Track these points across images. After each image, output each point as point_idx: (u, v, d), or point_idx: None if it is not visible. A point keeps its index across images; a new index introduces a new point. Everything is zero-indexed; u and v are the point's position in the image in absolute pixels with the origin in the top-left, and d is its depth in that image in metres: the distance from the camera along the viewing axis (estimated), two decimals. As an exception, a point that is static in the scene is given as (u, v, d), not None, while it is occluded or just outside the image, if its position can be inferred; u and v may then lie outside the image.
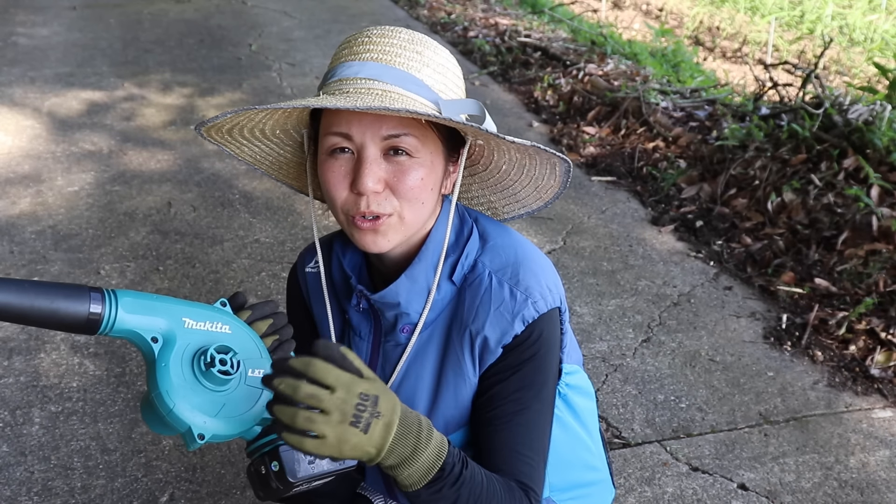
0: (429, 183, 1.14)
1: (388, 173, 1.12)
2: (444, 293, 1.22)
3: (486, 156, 1.26)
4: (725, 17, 7.73)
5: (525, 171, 1.25)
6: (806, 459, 2.23)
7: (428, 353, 1.23)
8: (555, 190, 1.26)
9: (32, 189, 3.63)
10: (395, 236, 1.15)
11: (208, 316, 1.04)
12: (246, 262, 3.12)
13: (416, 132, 1.11)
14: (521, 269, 1.21)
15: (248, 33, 6.19)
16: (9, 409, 2.32)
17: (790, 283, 3.03)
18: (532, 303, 1.18)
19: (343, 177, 1.13)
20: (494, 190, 1.32)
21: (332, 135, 1.12)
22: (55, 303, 0.93)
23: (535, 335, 1.19)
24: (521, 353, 1.19)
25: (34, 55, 5.51)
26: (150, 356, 0.99)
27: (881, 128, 3.56)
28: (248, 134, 1.25)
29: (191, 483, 2.09)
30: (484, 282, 1.20)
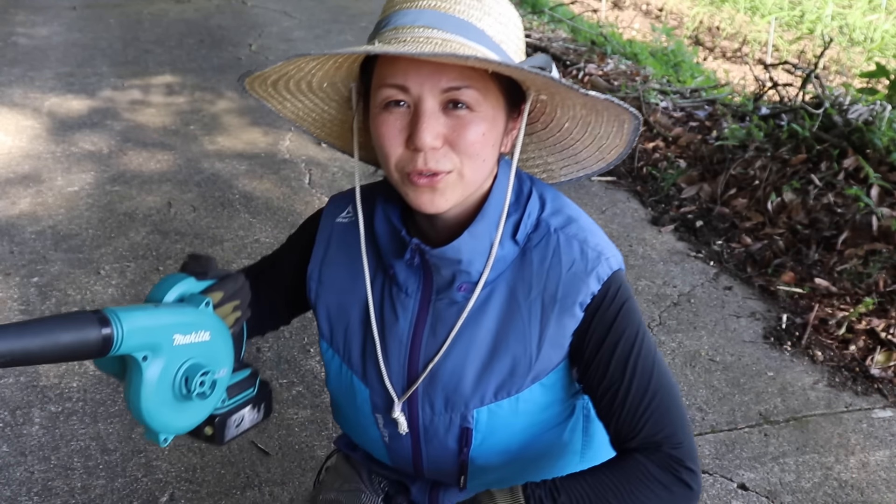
0: (490, 139, 1.07)
1: (447, 128, 1.04)
2: (507, 252, 1.14)
3: (548, 113, 1.18)
4: (725, 17, 7.73)
5: (589, 129, 1.17)
6: (806, 459, 2.23)
7: (486, 314, 1.15)
8: (619, 150, 1.18)
9: (32, 189, 3.63)
10: (453, 195, 1.08)
11: (193, 325, 1.04)
12: (246, 262, 3.12)
13: (477, 84, 1.03)
14: (587, 229, 1.16)
15: (248, 33, 6.19)
16: (9, 409, 2.32)
17: (790, 283, 3.03)
18: (605, 259, 1.13)
19: (398, 132, 1.05)
20: (553, 150, 1.24)
21: (386, 87, 1.04)
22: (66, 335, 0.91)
23: (613, 290, 1.13)
24: (606, 311, 1.12)
25: (34, 55, 5.50)
26: (136, 372, 0.99)
27: (881, 128, 3.56)
28: (293, 87, 1.17)
29: (191, 483, 2.09)
30: (552, 241, 1.14)
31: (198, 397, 1.02)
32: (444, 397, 1.16)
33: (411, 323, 1.17)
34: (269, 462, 2.16)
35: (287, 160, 4.01)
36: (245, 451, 2.19)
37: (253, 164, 3.97)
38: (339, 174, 3.88)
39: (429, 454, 1.21)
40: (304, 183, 3.78)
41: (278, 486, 2.09)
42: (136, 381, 0.99)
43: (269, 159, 4.02)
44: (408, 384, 1.18)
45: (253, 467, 2.14)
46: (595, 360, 1.13)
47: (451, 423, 1.17)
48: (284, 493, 2.07)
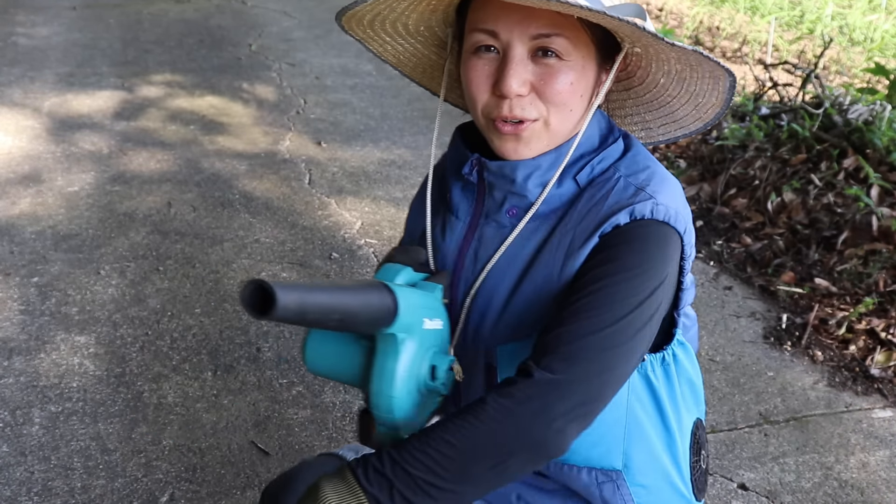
0: (578, 88, 1.05)
1: (534, 76, 1.03)
2: (565, 190, 1.10)
3: (644, 67, 1.15)
4: (725, 17, 7.74)
5: (685, 86, 1.14)
6: (806, 459, 2.23)
7: (527, 245, 1.10)
8: (715, 109, 1.15)
9: (32, 189, 3.63)
10: (538, 144, 1.07)
11: (435, 311, 1.01)
12: (246, 262, 3.12)
13: (567, 33, 1.01)
14: (657, 180, 1.09)
15: (248, 33, 6.19)
16: (9, 409, 2.32)
17: (790, 283, 3.03)
18: (653, 203, 1.04)
19: (486, 77, 1.05)
20: (650, 107, 1.22)
21: (477, 31, 1.04)
22: (374, 298, 0.88)
23: (640, 230, 1.03)
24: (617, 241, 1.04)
25: (34, 55, 5.50)
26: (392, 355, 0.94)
27: (881, 128, 3.56)
28: (390, 28, 1.16)
29: (191, 483, 2.09)
30: (609, 183, 1.08)
31: (441, 387, 0.97)
32: (472, 329, 1.13)
33: (457, 245, 1.16)
34: (269, 462, 2.16)
35: (287, 160, 4.01)
36: (245, 451, 2.19)
37: (253, 164, 3.97)
38: (339, 174, 3.88)
39: (465, 392, 1.17)
40: (304, 183, 3.78)
41: (278, 486, 2.09)
42: (391, 365, 0.94)
43: (269, 159, 4.02)
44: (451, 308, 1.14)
45: (253, 467, 2.14)
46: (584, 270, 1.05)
47: (478, 357, 1.14)
48: (284, 493, 2.06)
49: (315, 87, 5.04)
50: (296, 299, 0.80)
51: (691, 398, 1.22)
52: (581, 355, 0.98)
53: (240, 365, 2.53)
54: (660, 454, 1.17)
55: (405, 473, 0.93)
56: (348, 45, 5.89)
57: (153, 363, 2.53)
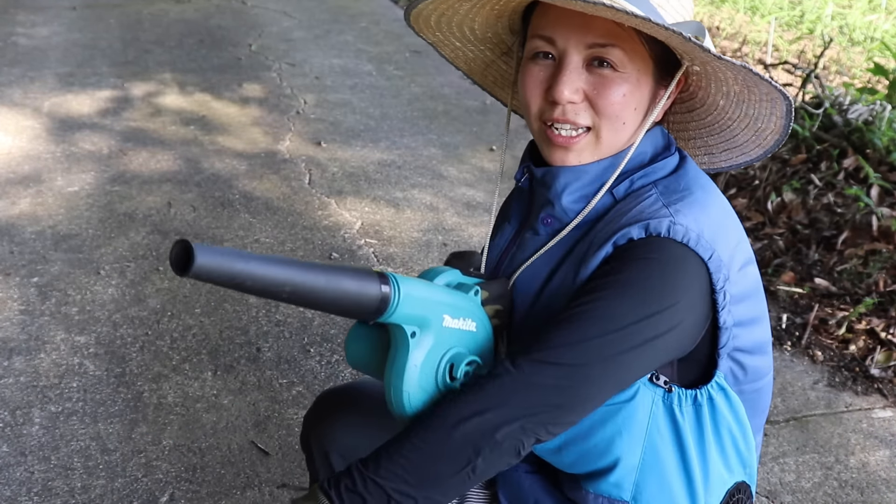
0: (632, 101, 1.04)
1: (588, 84, 1.03)
2: (599, 204, 1.09)
3: (704, 88, 1.14)
4: (725, 17, 7.74)
5: (744, 109, 1.12)
6: (806, 459, 2.23)
7: (553, 254, 1.11)
8: (775, 135, 1.13)
9: (32, 189, 3.63)
10: (587, 156, 1.08)
11: (463, 311, 1.01)
12: (246, 262, 3.12)
13: (624, 44, 1.02)
14: (690, 202, 1.04)
15: (248, 33, 6.19)
16: (9, 409, 2.32)
17: (790, 283, 3.03)
18: (670, 222, 0.99)
19: (540, 83, 1.06)
20: (712, 131, 1.20)
21: (536, 38, 1.05)
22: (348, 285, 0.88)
23: (652, 247, 0.99)
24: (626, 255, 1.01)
25: (34, 55, 5.50)
26: (403, 349, 0.95)
27: (881, 127, 3.56)
28: (457, 31, 1.17)
29: (191, 483, 2.09)
30: (642, 197, 1.06)
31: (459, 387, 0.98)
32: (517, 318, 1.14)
33: (501, 249, 1.20)
34: (269, 462, 2.16)
35: (287, 160, 4.01)
36: (245, 451, 2.19)
37: (253, 164, 3.97)
38: (339, 174, 3.88)
39: None
40: (304, 183, 3.78)
41: (278, 486, 2.09)
42: (401, 361, 0.95)
43: (269, 159, 4.02)
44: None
45: (253, 467, 2.14)
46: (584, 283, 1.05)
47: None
48: (284, 494, 2.07)
49: (315, 87, 5.04)
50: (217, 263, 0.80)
51: (730, 454, 1.13)
52: (553, 361, 0.97)
53: (240, 365, 2.53)
54: (677, 498, 1.10)
55: (376, 486, 0.94)
56: (348, 45, 5.90)
57: (153, 363, 2.53)
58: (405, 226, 3.42)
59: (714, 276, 1.01)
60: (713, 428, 1.10)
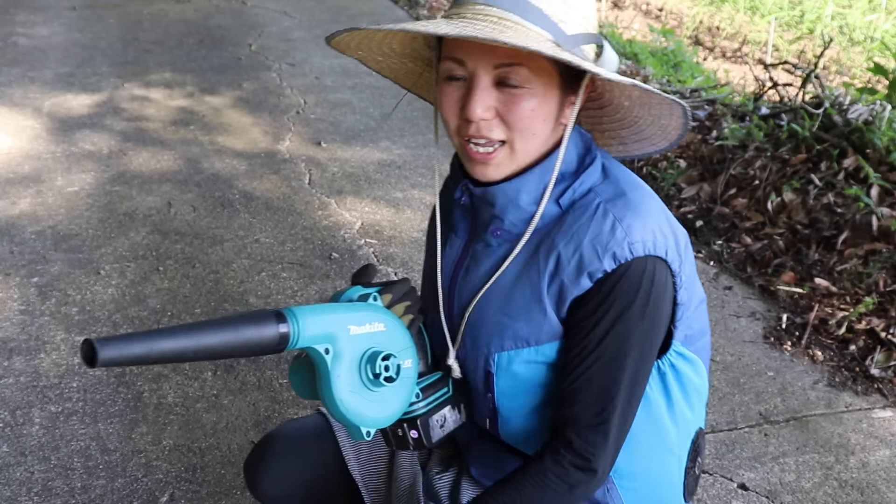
0: (540, 114, 1.12)
1: (498, 102, 1.11)
2: (547, 213, 1.17)
3: (610, 90, 1.23)
4: (725, 17, 7.74)
5: (647, 110, 1.21)
6: (806, 459, 2.23)
7: (512, 264, 1.19)
8: (677, 131, 1.22)
9: (32, 189, 3.63)
10: (506, 168, 1.16)
11: (366, 318, 1.10)
12: (246, 262, 3.12)
13: (528, 63, 1.08)
14: (633, 208, 1.14)
15: (248, 33, 6.19)
16: (9, 409, 2.32)
17: (790, 283, 3.03)
18: (629, 243, 1.10)
19: (455, 102, 1.13)
20: (622, 126, 1.29)
21: (448, 59, 1.13)
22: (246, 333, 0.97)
23: (631, 279, 1.11)
24: (611, 294, 1.11)
25: (34, 55, 5.50)
26: (323, 366, 1.05)
27: (881, 127, 3.56)
28: (375, 49, 1.25)
29: (191, 483, 2.09)
30: (590, 209, 1.14)
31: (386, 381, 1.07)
32: (471, 338, 1.24)
33: (453, 261, 1.28)
34: (269, 462, 2.16)
35: (287, 160, 4.01)
36: (245, 451, 2.19)
37: (253, 164, 3.97)
38: (339, 174, 3.88)
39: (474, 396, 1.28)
40: (304, 183, 3.78)
41: (278, 486, 2.09)
42: (325, 375, 1.06)
43: (269, 159, 4.02)
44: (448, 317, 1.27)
45: (253, 467, 2.14)
46: (576, 324, 1.14)
47: (477, 364, 1.23)
48: (284, 493, 2.07)
49: (315, 87, 5.04)
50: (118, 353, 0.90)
51: (695, 408, 1.28)
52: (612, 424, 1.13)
53: (240, 365, 2.53)
54: (654, 460, 1.25)
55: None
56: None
57: (153, 363, 2.53)
58: (405, 226, 3.42)
59: (672, 267, 1.15)
60: (681, 390, 1.24)
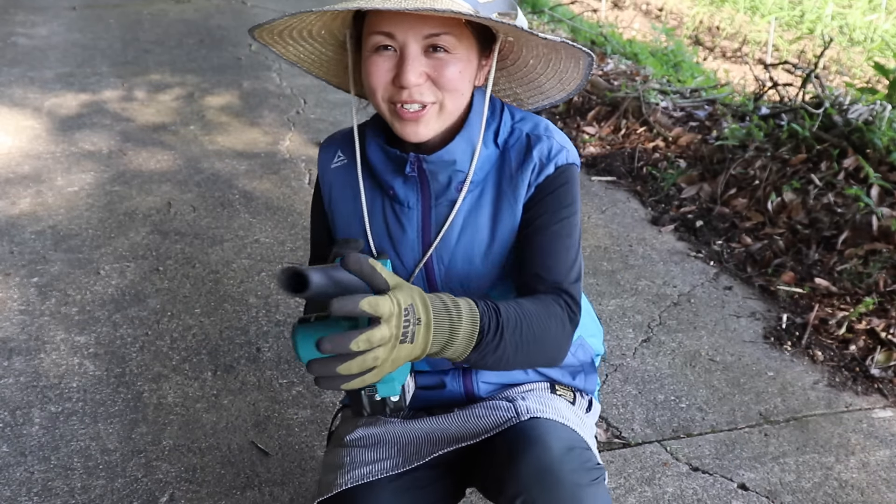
0: (466, 75, 1.26)
1: (428, 67, 1.23)
2: (491, 153, 1.35)
3: (515, 51, 1.38)
4: (725, 17, 7.74)
5: (551, 65, 1.37)
6: (806, 459, 2.23)
7: (482, 207, 1.35)
8: (577, 82, 1.39)
9: (32, 189, 3.63)
10: (436, 125, 1.28)
11: None
12: (246, 262, 3.12)
13: (454, 31, 1.22)
14: (551, 128, 1.38)
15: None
16: (9, 409, 2.32)
17: (790, 283, 3.03)
18: (566, 151, 1.35)
19: (386, 71, 1.23)
20: (521, 83, 1.45)
21: (376, 34, 1.22)
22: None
23: (565, 175, 1.34)
24: (552, 185, 1.34)
25: (34, 55, 5.50)
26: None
27: (881, 127, 3.56)
28: (296, 35, 1.34)
29: (191, 483, 2.09)
30: (522, 139, 1.36)
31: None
32: (460, 286, 1.36)
33: (418, 231, 1.37)
34: (269, 462, 2.16)
35: (287, 160, 4.01)
36: (245, 451, 2.19)
37: (253, 164, 3.97)
38: (339, 174, 3.87)
39: None
40: (304, 183, 3.78)
41: (278, 486, 2.09)
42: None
43: (269, 159, 4.02)
44: (428, 283, 1.38)
45: (253, 467, 2.14)
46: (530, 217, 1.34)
47: None
48: (284, 493, 2.06)
49: (315, 87, 5.04)
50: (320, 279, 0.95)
51: None
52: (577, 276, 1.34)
53: (240, 365, 2.53)
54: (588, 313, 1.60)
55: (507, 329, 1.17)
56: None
57: (153, 363, 2.53)
58: (405, 226, 3.41)
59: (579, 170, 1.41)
60: None
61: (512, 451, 1.23)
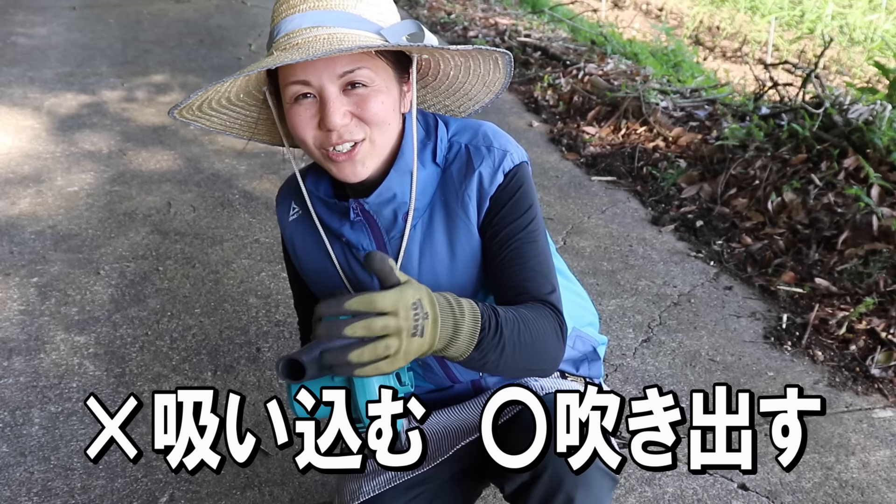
0: (389, 105, 1.25)
1: (351, 105, 1.22)
2: (431, 174, 1.34)
3: (434, 66, 1.38)
4: (725, 17, 7.74)
5: (472, 72, 1.38)
6: (806, 459, 2.23)
7: (435, 230, 1.35)
8: (501, 80, 1.39)
9: (32, 189, 3.63)
10: (371, 162, 1.27)
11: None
12: (246, 262, 3.12)
13: (367, 64, 1.21)
14: (490, 134, 1.36)
15: (248, 33, 6.19)
16: (9, 410, 2.32)
17: (790, 283, 3.03)
18: (509, 155, 1.33)
19: (310, 118, 1.23)
20: (447, 94, 1.45)
21: (292, 84, 1.21)
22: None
23: (517, 180, 1.33)
24: (507, 194, 1.32)
25: (34, 55, 5.50)
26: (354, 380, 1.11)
27: (881, 127, 3.55)
28: (216, 105, 1.34)
29: (191, 483, 2.09)
30: (462, 153, 1.35)
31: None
32: None
33: None
34: (269, 462, 2.16)
35: (287, 160, 4.01)
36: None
37: (253, 164, 3.97)
38: (339, 174, 3.88)
39: (455, 365, 1.42)
40: (304, 183, 3.78)
41: (278, 486, 2.09)
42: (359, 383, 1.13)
43: (269, 159, 4.02)
44: None
45: (253, 467, 2.14)
46: (495, 230, 1.33)
47: None
48: (284, 493, 2.06)
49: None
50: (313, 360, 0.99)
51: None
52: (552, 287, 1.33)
53: (240, 365, 2.53)
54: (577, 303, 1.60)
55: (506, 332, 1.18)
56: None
57: (153, 363, 2.53)
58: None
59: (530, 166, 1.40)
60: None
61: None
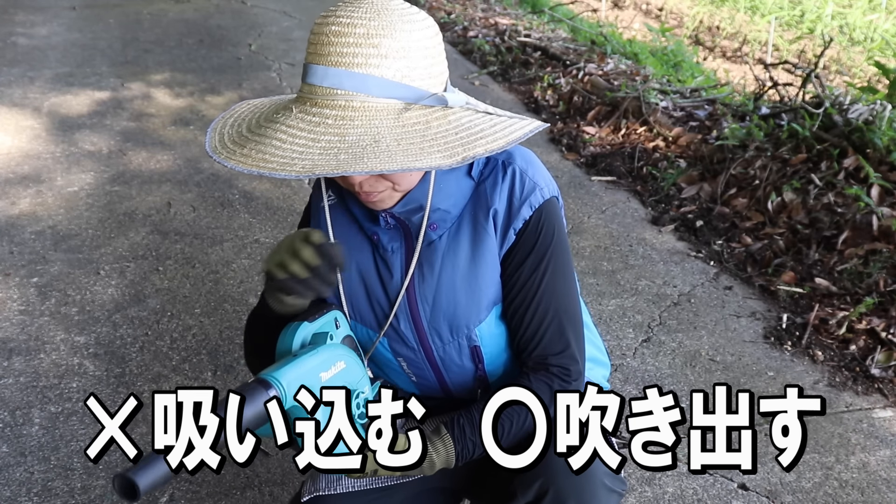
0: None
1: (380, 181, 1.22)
2: (464, 186, 1.32)
3: None
4: (725, 17, 7.74)
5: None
6: (806, 459, 2.23)
7: (461, 242, 1.33)
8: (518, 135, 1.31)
9: (32, 189, 3.63)
10: (397, 195, 1.27)
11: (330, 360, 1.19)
12: (246, 262, 3.12)
13: None
14: (527, 161, 1.34)
15: (248, 33, 6.19)
16: (9, 410, 2.32)
17: (790, 283, 3.03)
18: (539, 189, 1.31)
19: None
20: None
21: None
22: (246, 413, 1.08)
23: (544, 218, 1.31)
24: (534, 235, 1.31)
25: (34, 55, 5.51)
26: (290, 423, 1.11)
27: (881, 127, 3.55)
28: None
29: (191, 483, 2.09)
30: (499, 169, 1.32)
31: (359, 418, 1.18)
32: (447, 325, 1.35)
33: (402, 273, 1.35)
34: (269, 462, 2.16)
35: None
36: (245, 451, 2.19)
37: (253, 164, 3.96)
38: (339, 174, 3.87)
39: (452, 380, 1.41)
40: (304, 182, 3.78)
41: (278, 486, 2.09)
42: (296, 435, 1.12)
43: (269, 159, 4.02)
44: (414, 325, 1.36)
45: (253, 467, 2.14)
46: (513, 275, 1.32)
47: (461, 346, 1.36)
48: (284, 494, 2.06)
49: (315, 87, 5.03)
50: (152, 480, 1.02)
51: None
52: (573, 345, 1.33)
53: (240, 365, 2.53)
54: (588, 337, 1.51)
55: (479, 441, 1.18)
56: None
57: (153, 363, 2.53)
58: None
59: (560, 201, 1.38)
60: None
61: None
